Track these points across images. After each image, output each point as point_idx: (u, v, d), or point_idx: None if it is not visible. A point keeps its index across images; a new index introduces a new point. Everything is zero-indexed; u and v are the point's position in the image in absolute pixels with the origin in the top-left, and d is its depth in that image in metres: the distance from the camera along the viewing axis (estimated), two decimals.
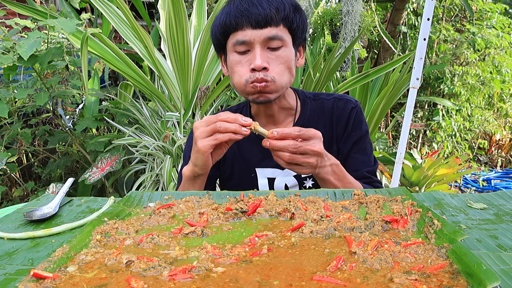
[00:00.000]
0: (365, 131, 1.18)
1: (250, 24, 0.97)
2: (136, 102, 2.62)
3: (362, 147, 1.17)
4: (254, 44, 0.98)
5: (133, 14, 2.15)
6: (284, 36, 0.99)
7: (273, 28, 0.97)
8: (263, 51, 0.98)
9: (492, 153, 4.99)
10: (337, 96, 1.20)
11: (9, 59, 2.03)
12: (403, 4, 4.02)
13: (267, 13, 0.95)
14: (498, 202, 0.87)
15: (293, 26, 1.01)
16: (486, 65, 4.27)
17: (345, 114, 1.16)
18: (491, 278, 0.47)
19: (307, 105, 1.17)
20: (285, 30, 0.99)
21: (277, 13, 0.97)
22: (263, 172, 1.18)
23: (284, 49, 1.00)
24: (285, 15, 0.98)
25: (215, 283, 0.52)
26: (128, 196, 0.87)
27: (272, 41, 0.97)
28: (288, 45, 1.01)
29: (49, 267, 0.56)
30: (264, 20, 0.96)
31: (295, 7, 1.01)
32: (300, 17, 1.02)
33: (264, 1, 0.97)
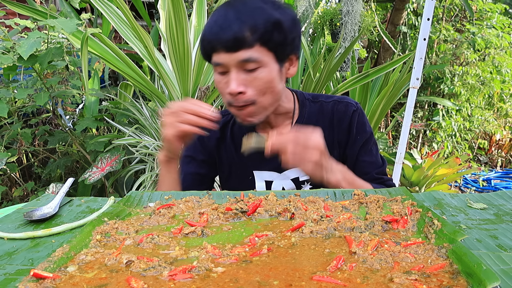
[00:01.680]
0: (369, 132, 1.16)
1: (222, 47, 0.93)
2: (136, 102, 2.62)
3: (368, 149, 1.15)
4: (229, 67, 0.94)
5: (133, 14, 2.15)
6: (260, 56, 0.93)
7: (246, 51, 0.91)
8: (239, 74, 0.94)
9: (492, 153, 4.99)
10: (336, 98, 1.17)
11: (9, 59, 2.03)
12: (403, 4, 4.02)
13: (238, 37, 0.90)
14: (498, 202, 0.87)
15: (271, 44, 0.93)
16: (486, 65, 4.26)
17: (347, 117, 1.13)
18: (491, 278, 0.47)
19: (306, 108, 1.15)
20: (262, 49, 0.93)
21: (250, 34, 0.90)
22: (261, 175, 1.16)
23: (262, 70, 0.94)
24: (260, 36, 0.91)
25: (215, 283, 0.52)
26: (128, 196, 0.87)
27: (247, 64, 0.92)
28: (267, 64, 0.95)
29: (49, 267, 0.56)
30: (235, 44, 0.91)
31: (273, 23, 0.92)
32: (281, 32, 0.93)
33: (235, 23, 0.91)
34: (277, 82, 0.99)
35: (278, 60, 0.98)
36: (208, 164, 1.21)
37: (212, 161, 1.21)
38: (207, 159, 1.20)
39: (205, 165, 1.21)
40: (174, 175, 1.11)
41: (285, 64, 1.01)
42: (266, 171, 1.16)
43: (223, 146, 1.18)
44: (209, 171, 1.22)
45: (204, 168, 1.21)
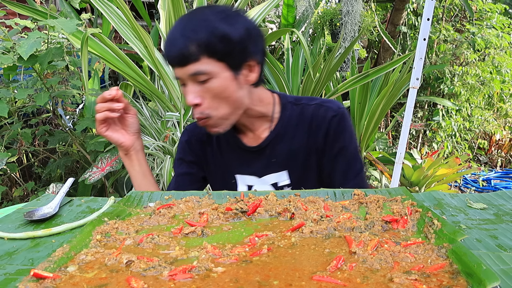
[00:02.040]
0: (349, 141, 1.10)
1: (174, 63, 0.97)
2: (136, 102, 2.62)
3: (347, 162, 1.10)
4: (184, 80, 0.98)
5: (133, 14, 2.15)
6: (208, 68, 0.94)
7: (193, 64, 0.94)
8: (194, 86, 0.97)
9: (492, 153, 4.99)
10: (319, 101, 1.13)
11: (9, 59, 2.03)
12: (403, 4, 4.02)
13: (183, 52, 0.93)
14: (498, 202, 0.87)
15: (218, 56, 0.94)
16: (486, 65, 4.26)
17: (325, 123, 1.09)
18: (491, 278, 0.47)
19: (287, 111, 1.12)
20: (210, 60, 0.94)
21: (195, 48, 0.93)
22: (243, 179, 1.16)
23: (213, 81, 0.96)
24: (203, 48, 0.93)
25: (215, 283, 0.52)
26: (128, 196, 0.87)
27: (197, 76, 0.95)
28: (218, 74, 0.96)
29: (49, 267, 0.56)
30: (181, 59, 0.95)
31: (217, 35, 0.93)
32: (227, 43, 0.94)
33: (180, 39, 0.94)
34: (233, 91, 0.99)
35: (231, 69, 0.98)
36: (197, 165, 1.23)
37: (200, 162, 1.23)
38: (195, 160, 1.22)
39: (194, 165, 1.23)
40: (137, 168, 1.15)
41: (241, 72, 1.00)
42: (247, 175, 1.15)
43: (209, 149, 1.20)
44: (198, 170, 1.24)
45: (193, 168, 1.23)
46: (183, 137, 1.24)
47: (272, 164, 1.13)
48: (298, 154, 1.12)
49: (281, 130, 1.12)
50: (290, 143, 1.12)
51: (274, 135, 1.12)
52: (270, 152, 1.12)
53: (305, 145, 1.11)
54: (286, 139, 1.12)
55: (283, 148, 1.12)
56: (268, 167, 1.13)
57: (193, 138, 1.21)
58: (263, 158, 1.13)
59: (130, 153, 1.13)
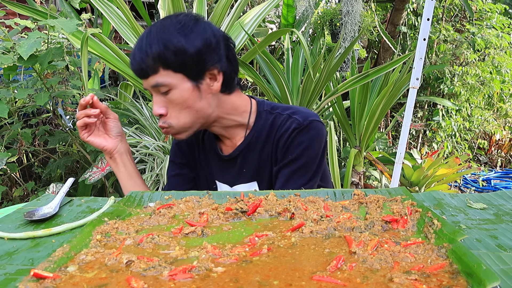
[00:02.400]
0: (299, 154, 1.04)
1: (138, 76, 1.01)
2: (136, 102, 2.62)
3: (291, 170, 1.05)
4: (150, 91, 1.02)
5: (133, 14, 2.15)
6: (167, 79, 0.96)
7: (153, 77, 0.97)
8: (158, 97, 1.00)
9: (492, 153, 4.99)
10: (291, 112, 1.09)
11: (9, 59, 2.03)
12: (403, 4, 4.02)
13: (141, 66, 0.97)
14: (498, 202, 0.87)
15: (174, 67, 0.96)
16: (486, 65, 4.26)
17: (286, 135, 1.06)
18: (491, 278, 0.47)
19: (261, 120, 1.10)
20: (168, 72, 0.96)
21: (151, 61, 0.95)
22: (220, 186, 1.18)
23: (173, 92, 0.98)
24: (158, 61, 0.95)
25: (215, 283, 0.52)
26: (128, 196, 0.87)
27: (158, 88, 0.98)
28: (177, 85, 0.97)
29: (49, 267, 0.56)
30: (141, 72, 0.98)
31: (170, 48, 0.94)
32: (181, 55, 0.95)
33: (137, 54, 0.97)
34: (193, 101, 1.00)
35: (191, 79, 0.99)
36: (187, 166, 1.25)
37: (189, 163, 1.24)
38: (184, 162, 1.24)
39: (184, 167, 1.25)
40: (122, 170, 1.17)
41: (203, 81, 1.00)
42: (222, 183, 1.17)
43: (197, 151, 1.22)
44: (189, 171, 1.25)
45: (184, 169, 1.25)
46: (174, 141, 1.26)
47: (242, 174, 1.12)
48: (266, 165, 1.10)
49: (252, 140, 1.10)
50: (259, 154, 1.10)
51: (245, 145, 1.10)
52: (241, 161, 1.11)
53: (271, 156, 1.10)
54: (257, 149, 1.10)
55: (253, 158, 1.11)
56: (239, 177, 1.13)
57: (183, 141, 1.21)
58: (235, 167, 1.13)
59: (114, 156, 1.15)
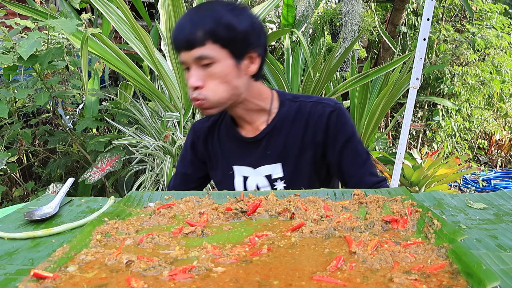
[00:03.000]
0: (351, 132, 1.15)
1: (181, 47, 1.03)
2: (136, 102, 2.62)
3: (353, 149, 1.15)
4: (189, 64, 1.04)
5: (133, 14, 2.15)
6: (212, 53, 1.01)
7: (199, 49, 1.00)
8: (197, 70, 1.03)
9: (492, 153, 4.99)
10: (316, 99, 1.18)
11: (9, 59, 2.03)
12: (403, 4, 4.02)
13: (189, 37, 1.00)
14: (498, 202, 0.87)
15: (222, 42, 1.01)
16: (486, 65, 4.26)
17: (324, 118, 1.14)
18: (491, 278, 0.47)
19: (285, 107, 1.18)
20: (214, 46, 1.01)
21: (201, 33, 0.99)
22: (239, 169, 1.20)
23: (216, 65, 1.02)
24: (208, 34, 1.00)
25: (215, 283, 0.52)
26: (128, 196, 0.87)
27: (201, 60, 1.01)
28: (221, 59, 1.02)
29: (49, 267, 0.56)
30: (188, 43, 1.01)
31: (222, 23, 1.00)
32: (231, 31, 1.01)
33: (187, 25, 1.01)
34: (233, 77, 1.05)
35: (234, 56, 1.04)
36: (194, 165, 1.28)
37: (200, 161, 1.27)
38: (194, 159, 1.27)
39: (191, 166, 1.28)
40: None
41: (243, 61, 1.06)
42: (243, 166, 1.20)
43: (211, 143, 1.25)
44: (194, 171, 1.28)
45: (190, 169, 1.28)
46: (188, 135, 1.29)
47: (267, 156, 1.17)
48: (292, 148, 1.16)
49: (278, 124, 1.16)
50: (285, 137, 1.16)
51: (271, 128, 1.16)
52: (265, 144, 1.17)
53: (300, 140, 1.16)
54: (282, 133, 1.16)
55: (278, 141, 1.16)
56: (263, 159, 1.17)
57: (197, 135, 1.25)
58: (259, 150, 1.18)
59: None
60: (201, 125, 1.26)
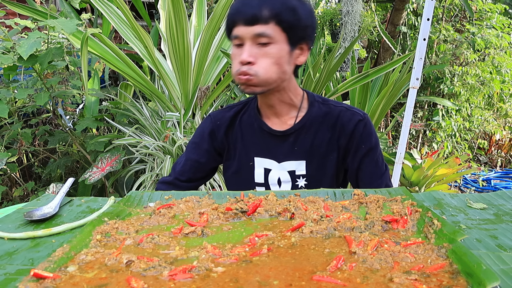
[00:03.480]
0: (375, 143, 1.18)
1: (241, 21, 1.04)
2: (136, 102, 2.62)
3: (374, 160, 1.17)
4: (245, 39, 1.04)
5: (133, 14, 2.15)
6: (273, 33, 1.03)
7: (261, 26, 1.02)
8: (252, 46, 1.04)
9: (492, 153, 4.99)
10: (345, 106, 1.21)
11: (9, 59, 2.03)
12: (403, 4, 4.02)
13: (255, 12, 1.02)
14: (498, 202, 0.87)
15: (284, 25, 1.04)
16: (486, 65, 4.26)
17: (351, 125, 1.16)
18: (491, 278, 0.47)
19: (314, 107, 1.20)
20: (276, 28, 1.03)
21: (267, 12, 1.02)
22: (261, 162, 1.20)
23: (273, 46, 1.04)
24: (274, 14, 1.02)
25: (215, 283, 0.52)
26: (128, 196, 0.87)
27: (260, 38, 1.03)
28: (279, 42, 1.04)
29: (49, 267, 0.56)
30: (252, 18, 1.02)
31: (289, 6, 1.03)
32: (295, 17, 1.04)
33: (255, 1, 1.03)
34: (285, 61, 1.07)
35: (290, 42, 1.06)
36: (210, 154, 1.26)
37: (216, 151, 1.26)
38: (210, 149, 1.26)
39: (206, 155, 1.26)
40: None
41: (295, 50, 1.09)
42: (267, 158, 1.20)
43: (231, 132, 1.24)
44: (208, 161, 1.27)
45: (204, 157, 1.26)
46: (205, 124, 1.28)
47: (293, 152, 1.18)
48: (319, 148, 1.18)
49: (307, 123, 1.18)
50: (313, 137, 1.18)
51: (300, 126, 1.18)
52: (293, 140, 1.18)
53: (326, 142, 1.18)
54: (311, 132, 1.18)
55: (306, 139, 1.18)
56: (289, 154, 1.18)
57: (217, 124, 1.25)
58: (286, 144, 1.19)
59: None
60: (222, 114, 1.26)
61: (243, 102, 1.27)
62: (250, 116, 1.22)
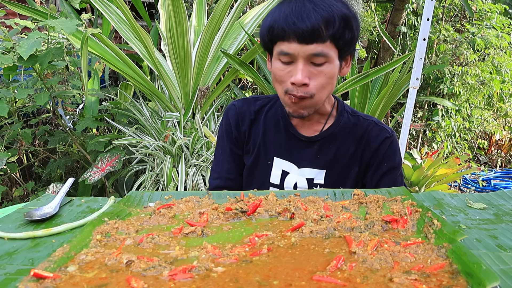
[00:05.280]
0: (398, 163, 1.15)
1: (296, 38, 0.93)
2: (136, 102, 2.62)
3: (393, 179, 1.13)
4: (298, 58, 0.95)
5: (133, 14, 2.15)
6: (329, 52, 0.95)
7: (319, 45, 0.93)
8: (306, 66, 0.96)
9: (492, 153, 4.99)
10: (375, 120, 1.17)
11: (9, 59, 2.03)
12: (403, 4, 4.02)
13: (315, 30, 0.92)
14: (498, 202, 0.87)
15: (340, 42, 0.96)
16: (485, 65, 4.26)
17: (377, 141, 1.13)
18: (490, 278, 0.47)
19: (343, 117, 1.16)
20: (331, 45, 0.95)
21: (325, 29, 0.92)
22: (280, 163, 1.16)
23: (328, 65, 0.97)
24: (334, 32, 0.93)
25: (215, 283, 0.52)
26: (128, 196, 0.87)
27: (316, 57, 0.95)
28: (333, 60, 0.97)
29: (49, 267, 0.56)
30: (311, 37, 0.92)
31: (346, 21, 0.95)
32: (350, 32, 0.96)
33: (313, 15, 0.92)
34: (335, 79, 1.02)
35: (340, 58, 1.00)
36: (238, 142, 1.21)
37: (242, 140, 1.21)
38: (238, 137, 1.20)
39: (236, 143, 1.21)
40: None
41: (342, 63, 1.03)
42: (286, 161, 1.16)
43: (255, 127, 1.19)
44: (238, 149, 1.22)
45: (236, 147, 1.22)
46: (230, 113, 1.21)
47: (315, 160, 1.14)
48: (341, 160, 1.14)
49: (334, 132, 1.14)
50: (338, 147, 1.14)
51: (327, 134, 1.14)
52: (318, 148, 1.14)
53: (351, 154, 1.14)
54: (336, 142, 1.14)
55: (330, 149, 1.14)
56: (311, 161, 1.15)
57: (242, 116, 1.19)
58: (310, 151, 1.15)
59: None
60: (247, 106, 1.20)
61: (269, 97, 1.22)
62: (276, 113, 1.17)
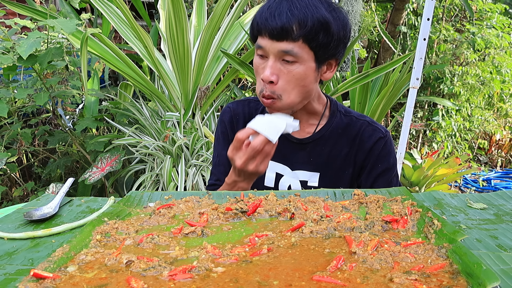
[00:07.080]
0: (392, 164, 1.13)
1: (267, 33, 0.95)
2: (136, 102, 2.62)
3: (388, 181, 1.12)
4: (269, 53, 0.97)
5: (133, 14, 2.15)
6: (300, 52, 0.95)
7: (289, 43, 0.94)
8: (276, 62, 0.96)
9: (492, 153, 4.99)
10: (368, 120, 1.15)
11: (9, 59, 2.03)
12: (403, 4, 4.02)
13: (285, 28, 0.92)
14: (498, 202, 0.87)
15: (314, 44, 0.95)
16: (486, 65, 4.26)
17: (370, 142, 1.11)
18: (491, 278, 0.47)
19: (335, 118, 1.14)
20: (304, 46, 0.94)
21: (297, 29, 0.92)
22: (274, 165, 1.16)
23: (298, 66, 0.96)
24: (306, 33, 0.93)
25: (215, 283, 0.52)
26: (128, 196, 0.87)
27: (285, 55, 0.95)
28: (305, 61, 0.96)
29: (49, 267, 0.56)
30: (280, 34, 0.93)
31: (322, 23, 0.93)
32: (327, 36, 0.94)
33: (285, 14, 0.92)
34: (310, 81, 1.00)
35: (317, 61, 0.98)
36: None
37: None
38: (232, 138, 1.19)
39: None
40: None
41: (322, 66, 1.01)
42: (280, 163, 1.15)
43: None
44: None
45: None
46: (225, 116, 1.22)
47: (308, 162, 1.14)
48: (335, 161, 1.13)
49: (326, 133, 1.13)
50: (330, 149, 1.13)
51: (319, 136, 1.13)
52: (310, 150, 1.13)
53: (344, 155, 1.13)
54: (328, 144, 1.13)
55: (324, 151, 1.13)
56: (304, 164, 1.14)
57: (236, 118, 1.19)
58: (302, 153, 1.14)
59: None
60: (241, 108, 1.20)
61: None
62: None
